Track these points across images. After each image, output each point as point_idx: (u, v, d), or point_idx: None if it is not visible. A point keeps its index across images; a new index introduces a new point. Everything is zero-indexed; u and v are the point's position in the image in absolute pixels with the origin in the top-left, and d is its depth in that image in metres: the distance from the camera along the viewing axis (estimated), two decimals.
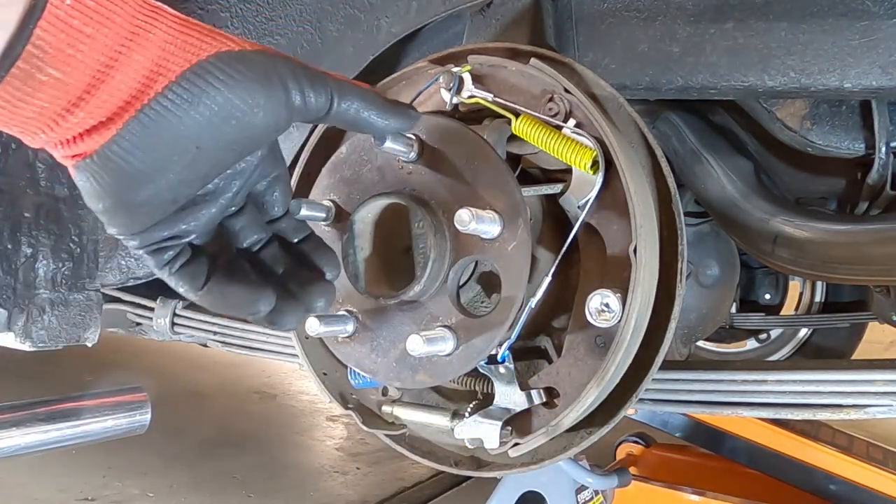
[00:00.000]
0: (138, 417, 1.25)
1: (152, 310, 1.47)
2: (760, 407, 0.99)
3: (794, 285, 2.73)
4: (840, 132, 1.10)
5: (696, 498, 1.98)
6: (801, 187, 1.33)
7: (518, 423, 0.81)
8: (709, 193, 1.26)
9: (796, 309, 2.79)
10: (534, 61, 0.79)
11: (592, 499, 1.92)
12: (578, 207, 0.78)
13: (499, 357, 0.79)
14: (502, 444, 0.79)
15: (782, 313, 2.67)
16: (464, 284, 0.82)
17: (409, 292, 0.76)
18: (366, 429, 0.92)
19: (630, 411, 0.83)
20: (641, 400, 0.94)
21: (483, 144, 0.76)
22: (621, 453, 2.34)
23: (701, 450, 2.17)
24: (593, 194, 0.76)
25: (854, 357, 2.65)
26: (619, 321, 0.74)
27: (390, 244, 0.82)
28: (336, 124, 0.63)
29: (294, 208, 0.74)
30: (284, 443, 3.39)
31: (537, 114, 0.78)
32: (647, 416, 2.11)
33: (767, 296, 2.62)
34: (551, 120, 0.77)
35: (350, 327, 0.82)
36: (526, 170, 0.85)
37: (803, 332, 2.78)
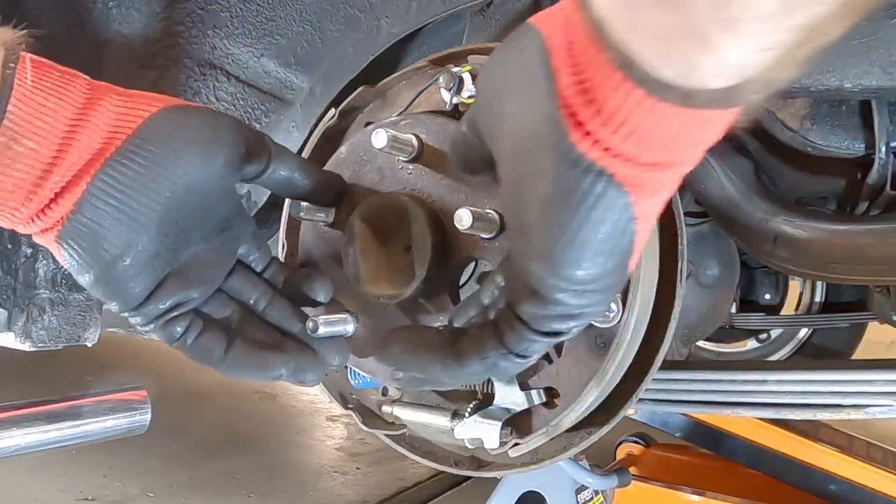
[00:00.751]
0: (138, 417, 1.25)
1: None
2: (760, 407, 0.99)
3: (794, 285, 2.73)
4: (840, 132, 1.10)
5: (696, 498, 1.97)
6: (801, 187, 1.33)
7: (518, 423, 0.81)
8: (708, 193, 1.26)
9: (796, 309, 2.79)
10: None
11: (592, 499, 1.92)
12: None
13: None
14: (502, 444, 0.79)
15: (782, 313, 2.67)
16: (463, 284, 0.82)
17: (408, 292, 0.76)
18: (366, 429, 0.92)
19: (630, 411, 0.83)
20: (641, 400, 0.94)
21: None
22: (621, 453, 2.34)
23: (701, 450, 2.17)
24: None
25: (854, 357, 2.65)
26: (619, 321, 0.74)
27: (390, 244, 0.82)
28: (266, 186, 0.68)
29: (294, 211, 0.78)
30: (284, 443, 3.39)
31: None
32: (647, 416, 2.11)
33: (767, 296, 2.62)
34: None
35: (351, 328, 0.82)
36: None
37: (803, 332, 2.78)
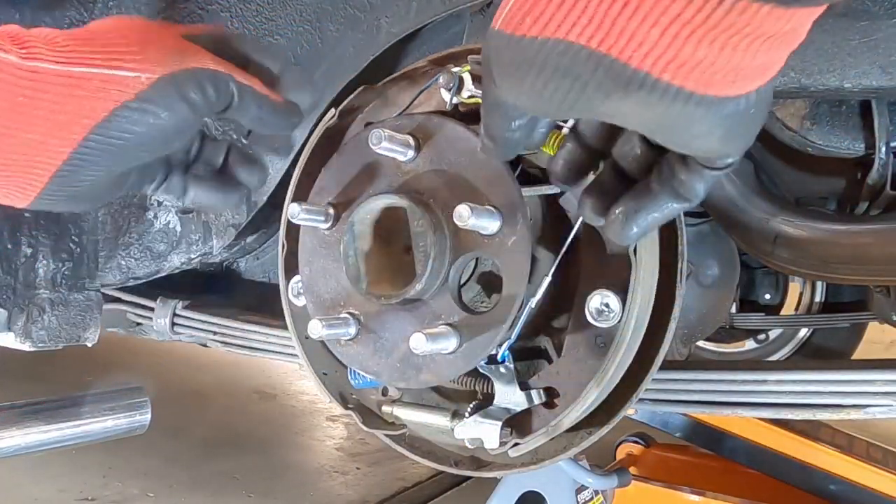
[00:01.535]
0: (138, 417, 1.25)
1: (152, 310, 1.47)
2: (760, 407, 0.99)
3: (794, 285, 2.73)
4: (840, 132, 1.10)
5: (696, 498, 1.98)
6: (801, 187, 1.33)
7: (518, 423, 0.81)
8: (709, 193, 1.26)
9: (796, 309, 2.79)
10: None
11: (592, 499, 1.92)
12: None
13: (499, 357, 0.79)
14: (502, 444, 0.79)
15: (782, 313, 2.67)
16: (464, 284, 0.82)
17: (410, 291, 0.76)
18: (366, 429, 0.92)
19: (630, 411, 0.83)
20: (641, 400, 0.94)
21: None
22: (621, 453, 2.34)
23: (701, 450, 2.18)
24: None
25: (854, 357, 2.65)
26: (619, 321, 0.74)
27: (390, 244, 0.82)
28: (237, 117, 0.72)
29: (293, 212, 0.82)
30: (284, 443, 3.39)
31: None
32: (647, 416, 2.11)
33: (767, 296, 2.62)
34: None
35: (352, 330, 0.82)
36: (526, 170, 0.85)
37: (803, 332, 2.78)
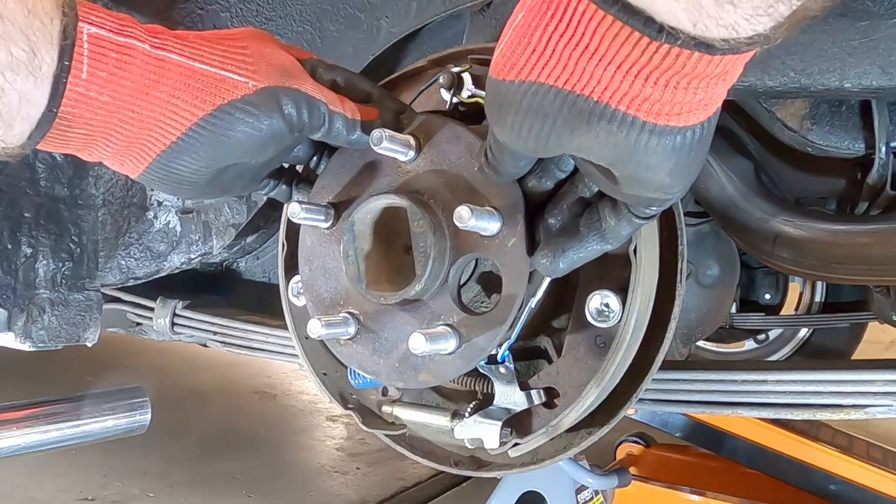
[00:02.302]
0: (138, 417, 1.25)
1: (152, 310, 1.47)
2: (760, 407, 0.99)
3: (794, 285, 2.73)
4: (840, 132, 1.10)
5: (696, 498, 1.97)
6: (801, 187, 1.33)
7: (518, 423, 0.81)
8: (709, 193, 1.26)
9: (796, 309, 2.79)
10: None
11: (592, 499, 1.92)
12: None
13: (499, 357, 0.79)
14: (502, 444, 0.79)
15: (782, 313, 2.67)
16: (464, 285, 0.82)
17: (410, 291, 0.76)
18: (366, 429, 0.92)
19: (630, 411, 0.83)
20: (641, 400, 0.94)
21: (482, 144, 0.76)
22: (621, 453, 2.34)
23: (701, 450, 2.17)
24: None
25: (854, 357, 2.65)
26: (619, 321, 0.74)
27: (390, 244, 0.82)
28: (330, 141, 0.80)
29: (294, 211, 0.83)
30: (284, 443, 3.39)
31: None
32: (647, 416, 2.11)
33: (767, 296, 2.62)
34: None
35: (352, 329, 0.82)
36: None
37: (803, 332, 2.78)
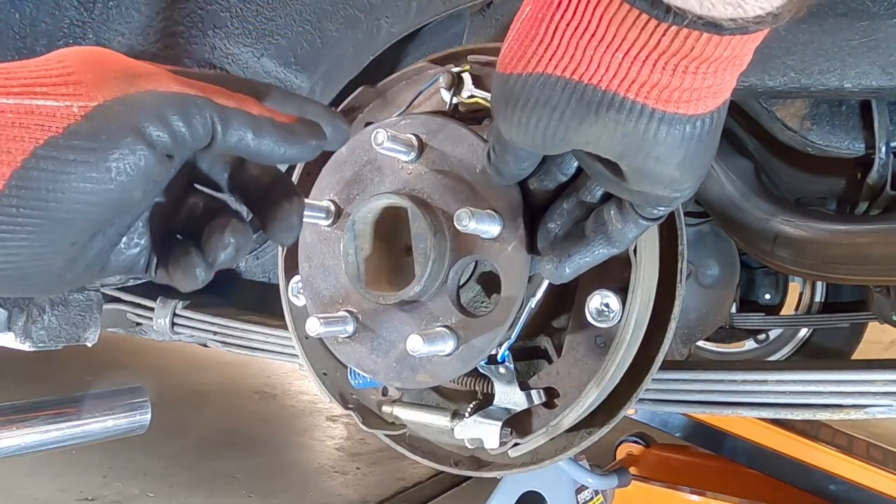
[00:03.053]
0: (138, 417, 1.25)
1: (152, 310, 1.47)
2: (760, 407, 0.99)
3: (794, 285, 2.73)
4: (840, 132, 1.10)
5: (696, 498, 1.97)
6: (801, 187, 1.33)
7: (518, 423, 0.81)
8: (709, 193, 1.26)
9: (796, 309, 2.79)
10: None
11: (592, 499, 1.92)
12: None
13: (499, 357, 0.79)
14: (502, 444, 0.79)
15: (782, 313, 2.67)
16: (464, 285, 0.82)
17: (409, 292, 0.76)
18: (366, 429, 0.92)
19: (630, 411, 0.83)
20: (641, 400, 0.94)
21: (483, 144, 0.76)
22: (621, 453, 2.34)
23: (701, 450, 2.17)
24: None
25: (854, 357, 2.65)
26: (619, 321, 0.74)
27: (390, 244, 0.82)
28: (230, 153, 0.55)
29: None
30: (284, 443, 3.39)
31: None
32: (647, 416, 2.11)
33: (767, 296, 2.62)
34: None
35: (350, 328, 0.82)
36: None
37: (803, 332, 2.78)
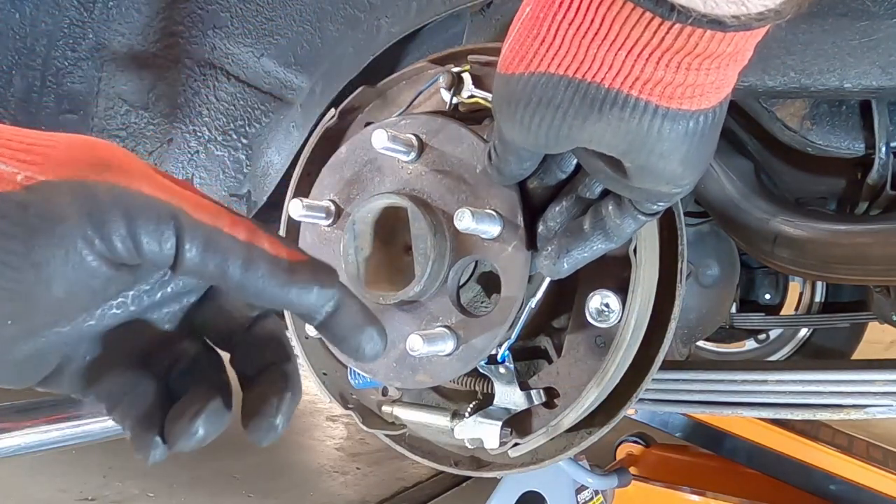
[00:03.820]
0: None
1: None
2: (760, 407, 0.99)
3: (794, 285, 2.73)
4: (840, 132, 1.10)
5: (696, 498, 1.97)
6: (801, 187, 1.33)
7: (518, 423, 0.81)
8: (709, 193, 1.26)
9: (796, 309, 2.79)
10: None
11: (592, 499, 1.92)
12: None
13: (499, 357, 0.79)
14: (502, 444, 0.79)
15: (782, 313, 2.67)
16: (464, 284, 0.82)
17: (409, 292, 0.76)
18: (366, 429, 0.92)
19: (630, 411, 0.83)
20: (641, 400, 0.94)
21: (482, 145, 0.76)
22: (621, 453, 2.34)
23: (701, 450, 2.17)
24: None
25: (854, 357, 2.65)
26: (619, 321, 0.74)
27: (390, 244, 0.82)
28: (212, 282, 0.45)
29: (295, 208, 0.76)
30: (284, 443, 3.39)
31: None
32: (647, 416, 2.11)
33: (767, 296, 2.62)
34: None
35: None
36: None
37: (803, 332, 2.78)
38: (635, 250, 0.73)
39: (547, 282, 0.76)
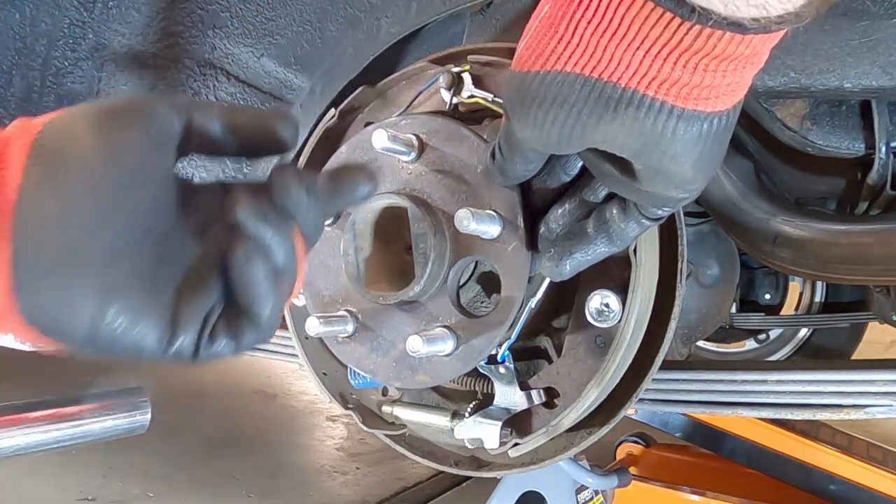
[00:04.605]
0: (138, 417, 1.24)
1: None
2: (760, 407, 0.99)
3: (794, 285, 2.73)
4: (840, 132, 1.10)
5: (696, 498, 1.97)
6: (801, 187, 1.33)
7: (518, 423, 0.81)
8: (709, 193, 1.26)
9: (796, 309, 2.79)
10: None
11: (592, 499, 1.92)
12: None
13: (499, 357, 0.79)
14: (502, 444, 0.79)
15: (782, 313, 2.67)
16: (464, 284, 0.82)
17: (409, 292, 0.76)
18: (366, 429, 0.92)
19: (630, 411, 0.83)
20: (641, 400, 0.94)
21: (483, 145, 0.76)
22: (621, 453, 2.34)
23: (701, 450, 2.17)
24: None
25: (854, 357, 2.65)
26: (619, 321, 0.74)
27: (390, 244, 0.82)
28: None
29: None
30: (284, 443, 3.39)
31: None
32: (647, 416, 2.11)
33: (767, 296, 2.62)
34: None
35: (350, 327, 0.82)
36: None
37: (803, 332, 2.78)
38: (635, 251, 0.73)
39: (547, 282, 0.76)
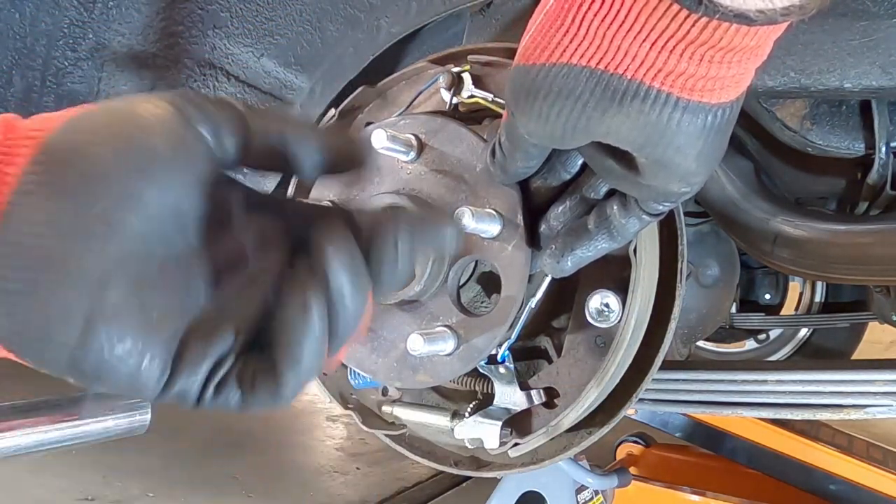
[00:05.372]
0: (138, 417, 1.24)
1: None
2: (760, 407, 0.99)
3: (794, 285, 2.73)
4: (840, 132, 1.10)
5: (696, 498, 1.97)
6: (801, 187, 1.33)
7: (518, 423, 0.81)
8: (709, 193, 1.26)
9: (796, 309, 2.79)
10: None
11: (592, 499, 1.92)
12: None
13: (499, 357, 0.79)
14: (502, 444, 0.79)
15: (782, 313, 2.67)
16: (464, 284, 0.82)
17: (409, 292, 0.76)
18: (366, 429, 0.92)
19: (630, 411, 0.83)
20: (641, 400, 0.94)
21: (482, 144, 0.76)
22: (621, 453, 2.34)
23: (701, 450, 2.17)
24: None
25: (854, 357, 2.65)
26: (619, 321, 0.74)
27: None
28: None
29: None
30: (284, 443, 3.39)
31: None
32: (647, 416, 2.11)
33: (767, 296, 2.62)
34: None
35: None
36: None
37: (803, 332, 2.78)
38: (635, 250, 0.73)
39: (547, 281, 0.76)
